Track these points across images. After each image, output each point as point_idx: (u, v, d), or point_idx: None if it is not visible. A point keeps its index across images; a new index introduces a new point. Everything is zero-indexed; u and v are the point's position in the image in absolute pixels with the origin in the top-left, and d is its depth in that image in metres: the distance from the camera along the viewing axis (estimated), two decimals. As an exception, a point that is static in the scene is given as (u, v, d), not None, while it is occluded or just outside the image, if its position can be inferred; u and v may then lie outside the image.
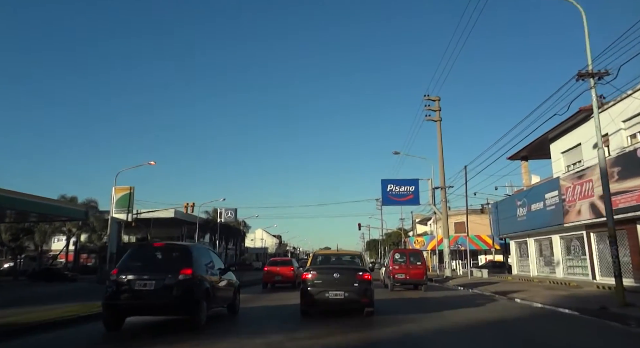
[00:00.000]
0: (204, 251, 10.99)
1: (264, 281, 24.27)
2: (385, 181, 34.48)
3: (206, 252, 11.10)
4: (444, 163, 32.96)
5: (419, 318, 10.27)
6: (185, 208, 37.54)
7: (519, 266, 31.76)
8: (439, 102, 33.58)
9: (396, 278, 20.50)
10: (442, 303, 14.64)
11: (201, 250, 10.77)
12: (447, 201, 32.77)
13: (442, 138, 33.17)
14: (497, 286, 21.53)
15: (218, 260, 11.51)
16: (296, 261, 27.64)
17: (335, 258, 11.95)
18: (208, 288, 9.49)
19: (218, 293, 10.16)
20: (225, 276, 11.29)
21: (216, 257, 11.55)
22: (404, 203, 34.25)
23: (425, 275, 20.67)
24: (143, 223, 52.21)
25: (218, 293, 10.16)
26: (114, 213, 34.95)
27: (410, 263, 20.73)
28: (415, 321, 9.73)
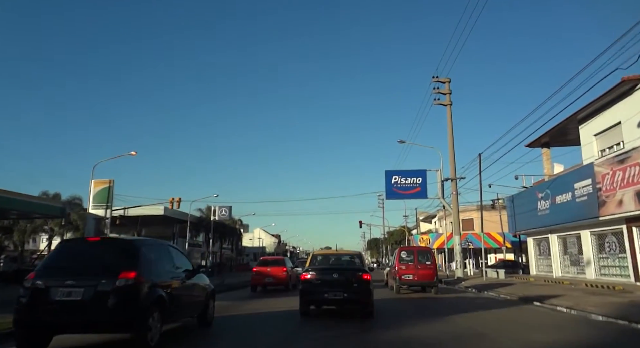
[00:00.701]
0: (161, 249, 8.29)
1: (253, 284, 21.42)
2: (389, 173, 31.35)
3: (164, 250, 8.39)
4: (454, 151, 29.84)
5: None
6: (171, 203, 34.45)
7: (537, 266, 28.61)
8: (449, 84, 30.49)
9: (403, 280, 17.54)
10: (461, 308, 11.54)
11: (155, 247, 8.13)
12: (458, 193, 29.63)
13: (452, 123, 30.05)
14: (522, 289, 18.39)
15: (183, 259, 8.98)
16: (290, 261, 24.51)
17: (334, 258, 11.78)
18: (162, 296, 7.12)
19: (181, 302, 8.08)
20: (194, 280, 8.79)
21: (180, 256, 8.91)
22: (410, 196, 31.09)
23: (435, 276, 17.65)
24: (129, 221, 49.12)
25: (181, 302, 8.08)
26: (92, 209, 31.87)
27: (419, 263, 17.75)
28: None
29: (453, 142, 29.86)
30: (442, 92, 30.58)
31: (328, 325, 9.19)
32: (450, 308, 12.86)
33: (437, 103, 30.60)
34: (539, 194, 25.60)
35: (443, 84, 30.64)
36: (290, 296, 16.50)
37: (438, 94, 30.65)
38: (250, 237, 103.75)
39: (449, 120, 30.07)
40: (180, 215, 54.08)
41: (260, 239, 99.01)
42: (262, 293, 19.57)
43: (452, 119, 30.08)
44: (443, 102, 30.49)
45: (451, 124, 29.99)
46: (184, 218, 55.06)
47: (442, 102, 30.51)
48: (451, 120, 30.06)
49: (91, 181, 31.85)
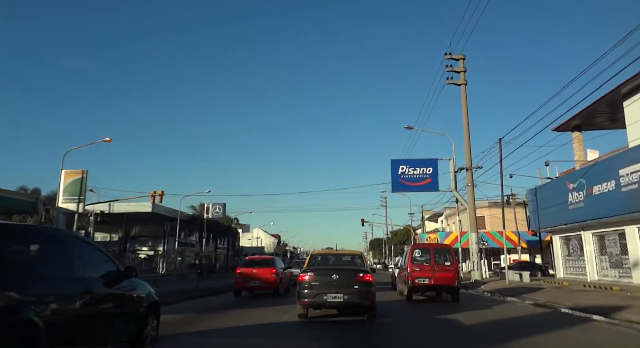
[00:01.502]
0: (50, 242, 5.07)
1: (237, 288, 18.21)
2: (396, 162, 27.86)
3: (57, 244, 5.15)
4: (470, 137, 26.34)
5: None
6: (152, 197, 30.98)
7: (566, 268, 25.08)
8: (463, 61, 27.02)
9: (417, 284, 14.12)
10: (501, 325, 8.05)
11: (38, 239, 4.94)
12: (474, 185, 26.12)
13: (467, 105, 26.57)
14: (563, 296, 14.85)
15: (98, 258, 5.77)
16: (281, 261, 21.00)
17: (334, 259, 11.37)
18: (31, 322, 3.97)
19: (86, 324, 5.04)
20: (119, 289, 5.82)
21: (92, 253, 5.71)
22: (419, 188, 27.58)
23: (457, 279, 14.17)
24: (112, 218, 45.67)
25: (86, 324, 5.04)
26: (62, 203, 28.46)
27: (436, 263, 14.33)
28: None
29: (468, 126, 26.37)
30: (455, 71, 27.16)
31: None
32: (487, 325, 9.38)
33: (450, 83, 27.14)
34: (570, 185, 22.07)
35: (457, 62, 27.20)
36: (278, 304, 13.26)
37: (451, 72, 27.25)
38: (249, 237, 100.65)
39: (464, 101, 26.60)
40: (171, 213, 50.69)
41: (257, 239, 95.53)
42: (247, 299, 16.19)
43: (467, 101, 26.61)
44: (457, 82, 27.03)
45: (466, 106, 26.53)
46: (175, 215, 51.66)
47: (455, 82, 27.05)
48: (466, 101, 26.61)
49: (61, 172, 28.41)
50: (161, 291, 17.91)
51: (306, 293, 9.39)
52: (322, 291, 9.28)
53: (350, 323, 9.51)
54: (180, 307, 12.61)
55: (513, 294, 17.06)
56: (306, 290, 9.42)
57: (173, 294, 15.90)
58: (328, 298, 9.26)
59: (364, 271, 9.64)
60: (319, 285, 9.38)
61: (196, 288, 17.70)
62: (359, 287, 9.24)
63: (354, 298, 9.20)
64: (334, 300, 9.24)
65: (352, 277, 9.42)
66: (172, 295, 15.71)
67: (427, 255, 14.41)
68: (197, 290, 17.52)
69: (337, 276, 9.41)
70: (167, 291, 17.26)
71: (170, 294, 15.82)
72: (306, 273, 9.63)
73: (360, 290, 9.22)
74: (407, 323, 9.76)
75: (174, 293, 16.13)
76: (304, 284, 9.48)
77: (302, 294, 9.44)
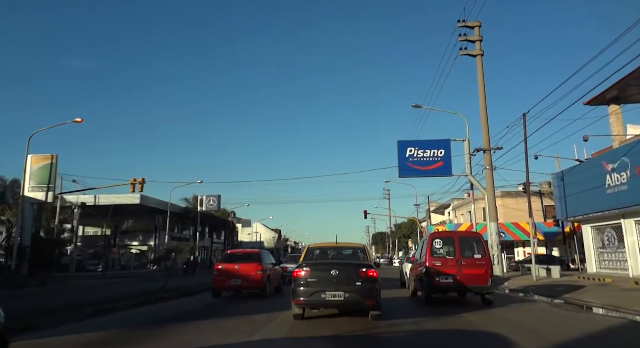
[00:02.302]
0: None
1: (215, 287, 15.08)
2: (403, 143, 24.66)
3: None
4: (487, 114, 23.14)
5: None
6: (132, 185, 27.84)
7: (599, 262, 21.93)
8: (479, 29, 23.78)
9: (438, 283, 11.04)
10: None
11: None
12: (492, 168, 22.96)
13: (484, 79, 23.36)
14: (622, 298, 11.71)
15: None
16: (270, 256, 17.90)
17: (334, 252, 10.59)
18: None
19: None
20: None
21: None
22: (429, 172, 24.36)
23: (490, 277, 10.99)
24: (97, 210, 42.66)
25: None
26: (29, 191, 25.37)
27: (463, 256, 11.19)
28: None
29: (485, 101, 23.17)
30: (470, 40, 23.93)
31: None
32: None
33: (464, 53, 23.92)
34: (609, 166, 18.89)
35: (471, 30, 23.97)
36: (260, 310, 10.41)
37: (465, 42, 24.01)
38: (249, 232, 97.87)
39: (480, 74, 23.38)
40: (162, 205, 47.59)
41: (256, 233, 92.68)
42: (224, 302, 13.19)
43: (483, 73, 23.38)
44: (471, 52, 23.81)
45: (482, 79, 23.32)
46: (166, 208, 48.63)
47: (470, 52, 23.83)
48: (482, 74, 23.39)
49: (27, 156, 25.31)
50: (119, 292, 14.54)
51: (302, 291, 8.45)
52: (319, 289, 8.36)
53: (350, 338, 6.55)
54: (115, 319, 9.48)
55: (551, 294, 13.97)
56: (302, 287, 8.47)
57: (131, 296, 12.81)
58: (326, 297, 8.32)
59: (367, 266, 8.65)
60: (316, 281, 8.45)
61: (162, 289, 14.53)
62: (362, 284, 8.33)
63: (355, 297, 8.26)
64: (333, 299, 8.30)
65: (354, 273, 8.47)
66: (128, 297, 12.63)
67: (450, 246, 11.27)
68: (164, 290, 14.35)
69: (336, 271, 8.45)
70: (127, 292, 14.21)
71: (126, 296, 12.73)
72: (302, 269, 8.68)
73: (363, 288, 8.29)
74: (434, 341, 6.67)
75: (134, 295, 13.03)
76: (300, 281, 8.56)
77: (297, 292, 8.52)
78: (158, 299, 12.81)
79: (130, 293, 13.67)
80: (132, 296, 12.77)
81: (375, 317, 8.52)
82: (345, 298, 8.27)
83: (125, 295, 13.33)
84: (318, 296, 8.38)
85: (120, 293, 13.92)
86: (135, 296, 12.76)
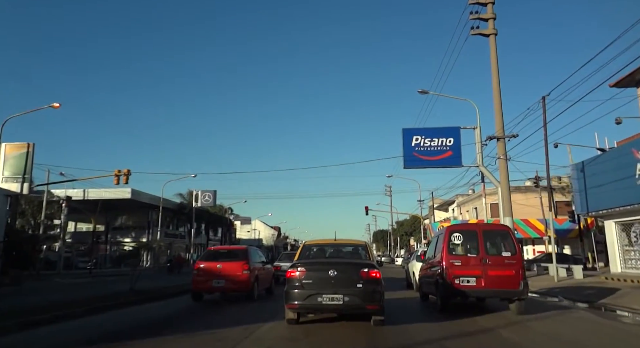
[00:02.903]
0: None
1: (195, 289, 13.31)
2: (409, 132, 22.64)
3: None
4: (501, 99, 21.13)
5: None
6: (117, 177, 25.88)
7: (624, 261, 19.93)
8: (492, 6, 21.73)
9: (458, 287, 9.10)
10: None
11: None
12: (507, 158, 20.97)
13: (498, 61, 21.34)
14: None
15: None
16: (259, 253, 15.95)
17: (332, 250, 9.67)
18: None
19: None
20: None
21: None
22: (437, 163, 22.32)
23: (521, 280, 8.99)
24: (87, 205, 40.75)
25: None
26: (2, 182, 23.45)
27: (488, 254, 9.22)
28: None
29: (499, 85, 21.14)
30: (482, 18, 21.87)
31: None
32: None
33: (476, 33, 21.86)
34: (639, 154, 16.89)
35: (484, 7, 21.90)
36: (240, 321, 8.82)
37: (477, 20, 21.94)
38: (248, 229, 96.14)
39: (494, 55, 21.36)
40: (155, 200, 45.60)
41: (254, 230, 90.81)
42: (202, 308, 11.29)
43: (497, 54, 21.36)
44: (484, 32, 21.76)
45: (496, 61, 21.30)
46: (165, 204, 46.68)
47: (482, 32, 21.78)
48: (496, 55, 21.37)
49: (2, 145, 23.38)
50: (88, 294, 12.12)
51: (296, 294, 7.82)
52: (315, 292, 7.72)
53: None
54: (46, 333, 7.51)
55: (583, 298, 12.03)
56: (296, 289, 7.84)
57: (94, 300, 10.84)
58: (323, 300, 7.68)
59: (369, 266, 7.96)
60: (312, 283, 7.83)
61: (130, 291, 12.52)
62: (363, 286, 7.68)
63: (356, 300, 7.62)
64: (331, 302, 7.65)
65: (355, 273, 7.85)
66: (91, 300, 10.66)
67: (472, 241, 9.29)
68: (131, 293, 12.32)
69: (335, 272, 7.82)
70: (93, 294, 12.25)
71: (89, 300, 10.76)
72: (296, 269, 8.03)
73: (364, 290, 7.65)
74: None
75: (98, 299, 11.07)
76: (294, 282, 7.93)
77: (291, 295, 7.88)
78: (121, 304, 10.84)
79: (95, 296, 11.72)
80: (95, 300, 10.81)
81: (379, 322, 7.81)
82: (344, 302, 7.54)
83: (89, 297, 11.39)
84: (314, 300, 7.65)
85: (87, 295, 11.99)
86: (99, 300, 10.80)
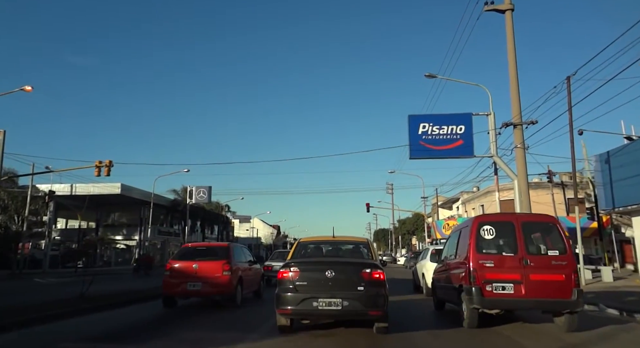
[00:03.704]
0: None
1: (166, 293, 11.41)
2: (415, 118, 20.53)
3: None
4: (518, 82, 19.04)
5: None
6: (97, 168, 23.75)
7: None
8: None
9: (492, 295, 7.01)
10: None
11: None
12: (525, 147, 18.89)
13: (514, 39, 19.26)
14: None
15: None
16: (246, 251, 13.89)
17: (331, 248, 8.95)
18: None
19: None
20: None
21: None
22: (447, 153, 20.20)
23: (576, 287, 6.93)
24: (77, 201, 38.70)
25: None
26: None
27: (529, 253, 7.19)
28: None
29: (516, 65, 19.03)
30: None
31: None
32: None
33: (490, 9, 19.70)
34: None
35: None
36: (212, 342, 6.41)
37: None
38: (247, 228, 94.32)
39: (510, 32, 19.26)
40: (147, 196, 43.49)
41: (253, 228, 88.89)
42: (172, 315, 9.18)
43: (514, 32, 19.27)
44: (499, 7, 19.62)
45: (512, 39, 19.20)
46: (157, 200, 44.66)
47: (498, 7, 19.64)
48: (512, 33, 19.27)
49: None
50: (23, 300, 10.04)
51: (288, 298, 6.83)
52: (311, 295, 6.76)
53: None
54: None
55: (628, 307, 9.93)
56: (288, 292, 6.85)
57: (29, 309, 8.77)
58: (320, 305, 6.70)
59: (372, 266, 6.95)
60: (306, 285, 6.88)
61: (81, 297, 10.39)
62: (365, 289, 6.70)
63: (357, 305, 6.63)
64: (328, 307, 6.67)
65: (356, 274, 6.87)
66: (26, 310, 8.61)
67: (509, 237, 7.20)
68: (81, 300, 10.14)
69: (333, 272, 6.85)
70: (36, 300, 10.17)
71: (22, 310, 8.68)
72: (289, 269, 7.03)
73: (366, 293, 6.66)
74: None
75: (37, 306, 9.01)
76: (286, 284, 6.93)
77: (283, 299, 6.88)
78: (65, 314, 8.74)
79: (40, 303, 9.66)
80: (33, 310, 8.73)
81: (382, 330, 7.06)
82: (343, 307, 6.73)
83: (30, 304, 9.34)
84: (309, 305, 6.84)
85: (33, 301, 9.97)
86: (37, 309, 8.72)
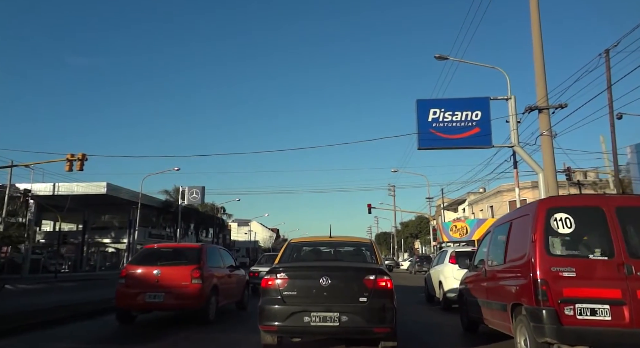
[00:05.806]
0: None
1: (120, 306, 9.22)
2: (424, 103, 18.17)
3: None
4: (544, 59, 16.65)
5: None
6: (69, 162, 21.21)
7: None
8: (531, -57, 17.20)
9: (576, 322, 4.37)
10: None
11: None
12: (553, 134, 16.46)
13: (539, 7, 16.92)
14: None
15: None
16: (226, 254, 11.41)
17: (327, 250, 7.51)
18: None
19: None
20: None
21: None
22: (461, 142, 17.78)
23: None
24: (56, 201, 36.18)
25: None
26: None
27: (634, 256, 4.55)
28: None
29: (541, 39, 16.65)
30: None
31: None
32: None
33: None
34: None
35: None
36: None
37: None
38: (246, 231, 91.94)
39: (534, 2, 16.88)
40: (131, 195, 40.91)
41: (250, 231, 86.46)
42: (130, 335, 6.76)
43: (538, 2, 16.89)
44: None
45: (537, 6, 16.80)
46: (144, 201, 42.13)
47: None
48: (537, 2, 16.87)
49: None
50: None
51: (274, 312, 5.48)
52: (302, 308, 5.42)
53: None
54: None
55: None
56: (275, 305, 5.51)
57: None
58: (312, 321, 5.37)
59: (377, 272, 5.55)
60: (296, 296, 5.53)
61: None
62: (369, 300, 5.34)
63: (358, 320, 5.28)
64: (322, 323, 5.32)
65: (357, 282, 5.49)
66: None
67: (598, 229, 4.62)
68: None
69: (329, 279, 5.46)
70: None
71: None
72: (275, 275, 5.64)
73: (370, 306, 5.31)
74: None
75: None
76: (271, 294, 5.58)
77: (267, 312, 5.53)
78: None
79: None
80: None
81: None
82: (342, 323, 5.32)
83: None
84: (299, 320, 5.41)
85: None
86: None
